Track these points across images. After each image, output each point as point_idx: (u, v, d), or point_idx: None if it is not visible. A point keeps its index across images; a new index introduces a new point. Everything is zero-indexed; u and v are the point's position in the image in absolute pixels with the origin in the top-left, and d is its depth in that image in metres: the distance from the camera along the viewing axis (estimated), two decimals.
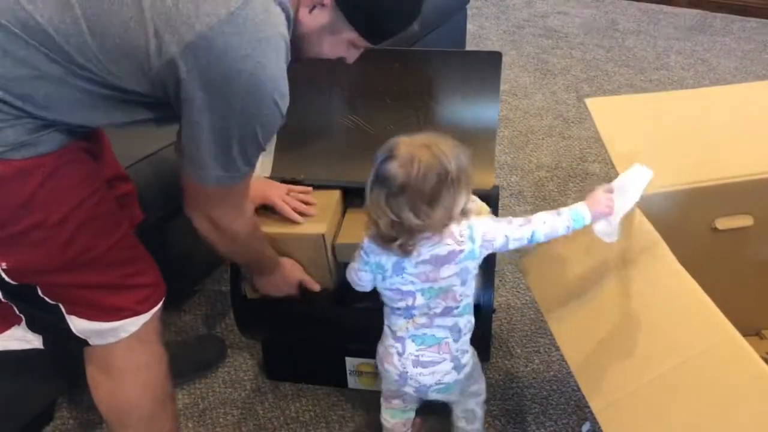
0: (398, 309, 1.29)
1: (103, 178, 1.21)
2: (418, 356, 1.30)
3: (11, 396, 1.52)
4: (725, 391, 1.05)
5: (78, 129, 1.10)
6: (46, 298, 1.16)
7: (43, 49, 0.99)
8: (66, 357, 1.57)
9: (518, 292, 1.98)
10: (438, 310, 1.27)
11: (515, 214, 2.26)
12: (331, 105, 1.59)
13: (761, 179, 1.40)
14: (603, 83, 3.05)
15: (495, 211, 1.51)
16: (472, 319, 1.33)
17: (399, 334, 1.31)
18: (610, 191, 1.25)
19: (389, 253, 1.22)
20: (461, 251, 1.22)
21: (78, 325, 1.19)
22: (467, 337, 1.33)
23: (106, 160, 1.34)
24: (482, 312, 1.45)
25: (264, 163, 1.61)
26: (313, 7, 1.11)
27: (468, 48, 3.11)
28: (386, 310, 1.33)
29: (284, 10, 1.05)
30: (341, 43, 1.18)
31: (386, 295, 1.30)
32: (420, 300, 1.26)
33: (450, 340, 1.30)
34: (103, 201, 1.15)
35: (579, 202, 1.23)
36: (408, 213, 1.14)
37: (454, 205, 1.17)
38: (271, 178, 1.60)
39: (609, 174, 2.45)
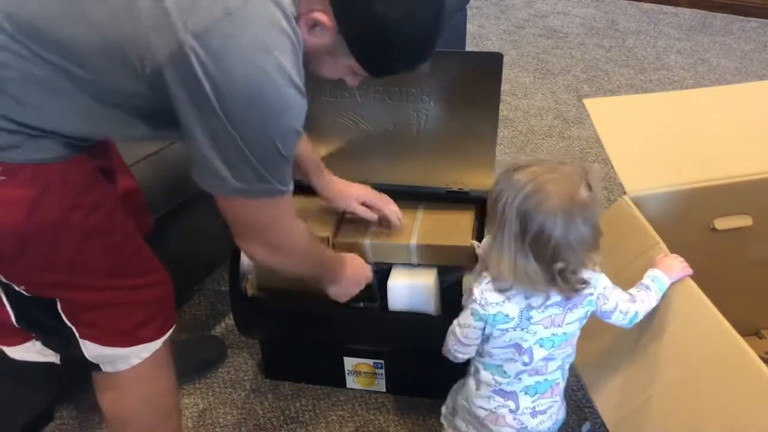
0: (506, 371, 1.18)
1: (113, 196, 1.17)
2: (534, 407, 1.20)
3: (11, 396, 1.52)
4: (726, 393, 1.05)
5: (81, 143, 1.06)
6: (65, 318, 1.15)
7: (31, 45, 0.94)
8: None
9: None
10: (555, 358, 1.18)
11: None
12: (332, 105, 1.59)
13: (760, 179, 1.40)
14: (603, 83, 3.05)
15: None
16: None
17: (508, 389, 1.19)
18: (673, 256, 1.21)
19: (532, 293, 1.09)
20: (589, 294, 1.12)
21: (91, 350, 1.19)
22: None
23: (118, 176, 1.31)
24: None
25: None
26: (314, 26, 1.00)
27: (468, 48, 3.11)
28: (481, 363, 1.20)
29: (287, 17, 0.96)
30: (341, 68, 1.07)
31: (494, 354, 1.17)
32: (539, 354, 1.14)
33: (561, 380, 1.22)
34: (109, 219, 1.12)
35: (655, 270, 1.18)
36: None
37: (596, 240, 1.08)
38: None
39: (609, 174, 2.45)
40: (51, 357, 1.27)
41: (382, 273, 1.53)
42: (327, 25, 0.99)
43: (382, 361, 1.64)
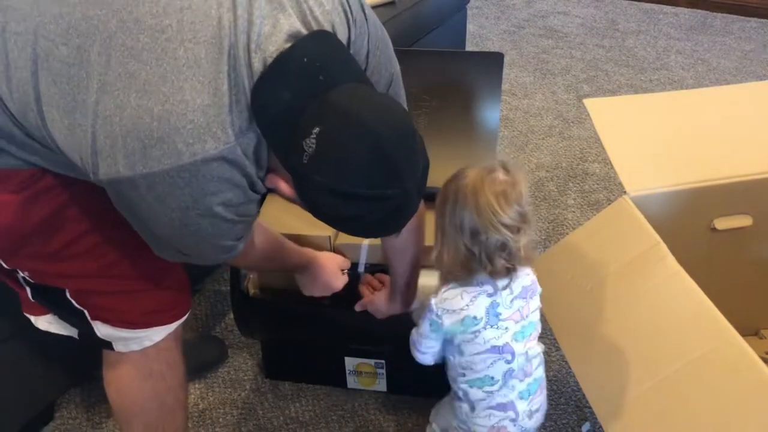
0: (492, 376, 1.17)
1: None
2: (530, 409, 1.21)
3: (11, 396, 1.52)
4: (725, 393, 1.05)
5: None
6: (74, 302, 1.16)
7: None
8: (66, 357, 1.57)
9: None
10: (532, 352, 1.19)
11: None
12: None
13: (760, 179, 1.41)
14: (603, 83, 3.05)
15: None
16: None
17: (503, 400, 1.19)
18: None
19: (485, 287, 1.12)
20: (534, 279, 1.17)
21: (103, 330, 1.19)
22: None
23: None
24: None
25: None
26: (276, 186, 1.02)
27: (468, 48, 3.11)
28: (466, 383, 1.19)
29: (243, 172, 0.94)
30: None
31: (475, 364, 1.16)
32: (519, 349, 1.15)
33: (544, 374, 1.23)
34: (110, 214, 1.11)
35: None
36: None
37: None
38: None
39: (609, 174, 2.45)
40: (71, 331, 1.27)
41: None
42: (287, 192, 0.99)
43: (383, 361, 1.64)
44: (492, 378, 1.17)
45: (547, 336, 1.84)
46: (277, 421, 1.66)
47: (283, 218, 1.55)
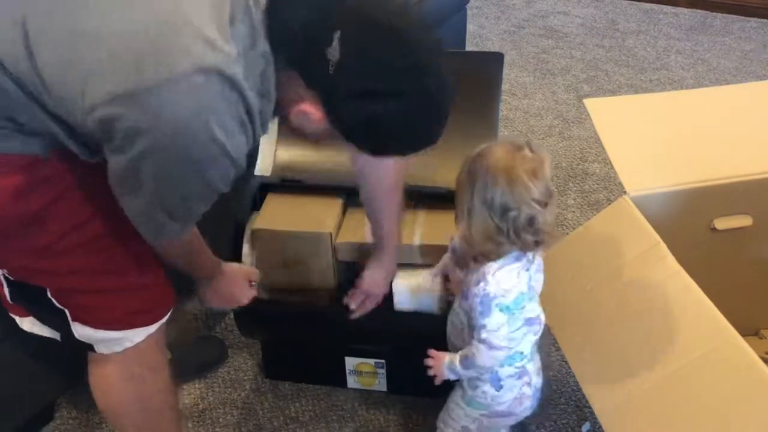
0: (522, 351, 1.21)
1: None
2: (537, 368, 1.27)
3: (11, 396, 1.52)
4: (725, 393, 1.05)
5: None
6: (54, 301, 1.15)
7: None
8: (66, 357, 1.57)
9: None
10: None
11: None
12: None
13: (760, 179, 1.41)
14: (603, 83, 3.05)
15: None
16: None
17: (519, 367, 1.23)
18: None
19: (522, 261, 1.14)
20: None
21: (81, 331, 1.18)
22: None
23: None
24: None
25: (264, 164, 1.61)
26: (302, 114, 0.98)
27: (468, 48, 3.11)
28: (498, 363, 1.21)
29: (245, 103, 0.92)
30: (334, 134, 1.00)
31: (511, 341, 1.17)
32: (543, 317, 1.21)
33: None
34: (101, 211, 1.10)
35: None
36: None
37: None
38: (271, 178, 1.60)
39: (609, 174, 2.45)
40: (53, 333, 1.27)
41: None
42: (316, 116, 0.96)
43: (384, 361, 1.64)
44: (521, 354, 1.21)
45: (547, 336, 1.84)
46: (277, 421, 1.66)
47: (283, 217, 1.55)
